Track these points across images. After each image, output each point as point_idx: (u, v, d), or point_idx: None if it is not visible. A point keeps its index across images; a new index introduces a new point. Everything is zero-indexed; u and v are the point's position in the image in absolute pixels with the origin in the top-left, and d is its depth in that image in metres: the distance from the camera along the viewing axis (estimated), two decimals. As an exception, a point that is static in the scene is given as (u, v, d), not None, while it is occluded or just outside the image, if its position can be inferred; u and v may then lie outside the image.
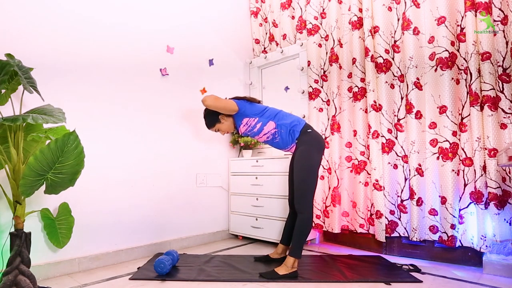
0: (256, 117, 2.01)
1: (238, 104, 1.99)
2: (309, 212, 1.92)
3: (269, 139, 2.05)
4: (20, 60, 1.65)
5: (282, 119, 2.02)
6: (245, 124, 2.04)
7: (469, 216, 2.00)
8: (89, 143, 1.88)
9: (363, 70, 2.49)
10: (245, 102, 2.04)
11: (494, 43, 1.91)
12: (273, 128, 2.00)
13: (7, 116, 1.50)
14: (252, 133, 2.07)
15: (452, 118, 2.08)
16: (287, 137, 2.00)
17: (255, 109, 2.03)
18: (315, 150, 1.96)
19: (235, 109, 1.99)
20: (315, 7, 2.81)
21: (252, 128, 2.04)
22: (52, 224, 1.80)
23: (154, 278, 1.84)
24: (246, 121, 2.03)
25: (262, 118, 2.01)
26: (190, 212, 2.69)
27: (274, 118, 2.02)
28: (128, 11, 2.36)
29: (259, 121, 2.01)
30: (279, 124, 2.00)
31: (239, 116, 2.03)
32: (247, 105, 2.03)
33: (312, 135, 1.99)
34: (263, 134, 2.04)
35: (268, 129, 2.01)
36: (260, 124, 2.01)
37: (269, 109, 2.06)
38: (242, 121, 2.04)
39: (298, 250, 1.88)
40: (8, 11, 1.81)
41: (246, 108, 2.01)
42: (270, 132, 2.02)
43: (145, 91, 2.43)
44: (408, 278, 1.83)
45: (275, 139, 2.03)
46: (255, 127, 2.03)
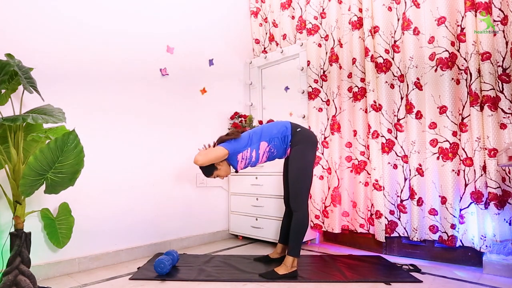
0: (247, 148, 1.98)
1: (226, 147, 1.96)
2: (305, 211, 1.92)
3: (269, 157, 2.04)
4: (20, 60, 1.66)
5: (269, 133, 1.99)
6: (242, 159, 2.01)
7: (470, 216, 2.00)
8: (89, 143, 1.88)
9: (363, 70, 2.49)
10: (232, 142, 1.99)
11: (494, 43, 1.91)
12: (266, 146, 1.98)
13: (7, 116, 1.50)
14: (252, 162, 2.04)
15: (452, 118, 2.08)
16: (282, 145, 1.99)
17: (242, 142, 1.99)
18: (308, 148, 1.96)
19: (226, 153, 1.95)
20: (315, 7, 2.81)
21: (249, 159, 2.01)
22: (52, 224, 1.80)
23: (154, 278, 1.84)
24: (241, 156, 1.99)
25: (253, 145, 1.98)
26: (190, 212, 2.69)
27: (262, 137, 1.99)
28: (128, 12, 2.36)
29: (252, 149, 1.98)
30: (269, 139, 1.98)
31: (232, 156, 1.99)
32: (234, 144, 1.98)
33: (302, 134, 1.98)
34: (261, 157, 2.02)
35: (263, 150, 1.99)
36: (255, 151, 1.99)
37: (253, 133, 2.02)
38: (237, 158, 2.00)
39: (296, 249, 1.89)
40: (9, 18, 1.82)
41: (235, 147, 1.98)
42: (266, 152, 2.00)
43: (145, 91, 2.43)
44: (408, 278, 1.83)
45: (272, 154, 2.02)
46: (252, 157, 2.00)
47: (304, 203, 1.93)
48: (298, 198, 1.92)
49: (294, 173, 1.94)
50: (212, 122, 2.92)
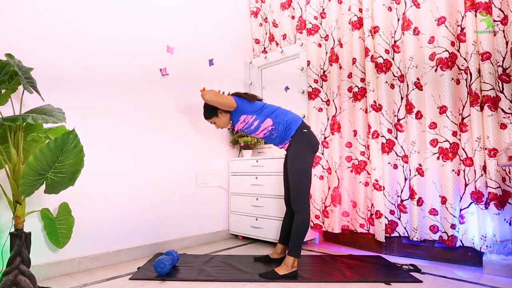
0: (254, 115, 2.02)
1: (236, 101, 2.01)
2: (306, 211, 1.93)
3: (266, 135, 2.07)
4: (20, 60, 1.66)
5: (279, 116, 2.02)
6: (243, 121, 2.05)
7: (470, 216, 2.00)
8: (89, 142, 1.88)
9: (363, 70, 2.49)
10: (244, 100, 2.05)
11: (494, 43, 1.91)
12: (270, 125, 2.01)
13: (7, 116, 1.50)
14: (249, 130, 2.08)
15: (452, 118, 2.08)
16: (283, 134, 2.01)
17: (253, 107, 2.04)
18: (308, 151, 1.98)
19: (233, 106, 2.01)
20: (315, 7, 2.81)
21: (249, 125, 2.05)
22: (52, 224, 1.80)
23: (154, 278, 1.84)
24: (243, 118, 2.04)
25: (260, 115, 2.02)
26: (190, 212, 2.69)
27: (271, 115, 2.02)
28: (128, 12, 2.36)
29: (257, 118, 2.02)
30: (276, 121, 2.01)
31: (237, 113, 2.04)
32: (246, 103, 2.04)
33: (307, 135, 2.00)
34: (260, 131, 2.05)
35: (266, 126, 2.02)
36: (258, 122, 2.02)
37: (268, 106, 2.06)
38: (239, 118, 2.05)
39: (297, 249, 1.89)
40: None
41: (244, 106, 2.03)
42: (267, 129, 2.03)
43: (145, 91, 2.43)
44: (408, 278, 1.83)
45: (272, 135, 2.05)
46: (252, 125, 2.04)
47: (305, 203, 1.93)
48: (299, 198, 1.92)
49: (294, 173, 1.94)
50: (212, 122, 2.92)
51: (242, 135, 2.96)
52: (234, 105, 2.01)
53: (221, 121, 2.14)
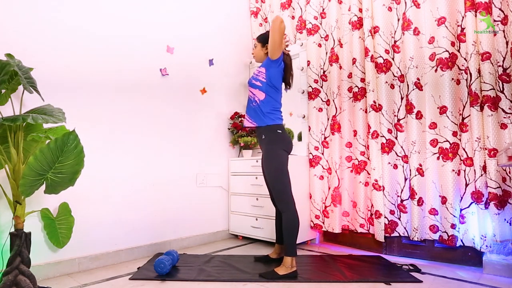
0: (265, 80, 2.00)
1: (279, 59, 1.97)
2: (292, 209, 1.92)
3: (250, 99, 2.08)
4: (20, 60, 1.66)
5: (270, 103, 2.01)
6: (259, 71, 2.05)
7: (470, 216, 2.00)
8: (89, 143, 1.88)
9: (363, 70, 2.49)
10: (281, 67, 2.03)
11: (494, 43, 1.91)
12: (258, 98, 2.02)
13: (7, 116, 1.50)
14: (250, 81, 2.09)
15: (452, 119, 2.08)
16: (256, 114, 2.02)
17: (274, 78, 2.00)
18: (281, 150, 1.97)
19: (273, 56, 1.95)
20: (315, 7, 2.81)
21: (255, 79, 2.05)
22: (52, 224, 1.80)
23: (154, 278, 1.84)
24: (262, 70, 2.03)
25: (265, 86, 2.00)
26: (190, 212, 2.69)
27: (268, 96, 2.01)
28: (128, 12, 2.36)
29: (262, 83, 2.01)
30: (264, 102, 2.00)
31: (266, 63, 2.02)
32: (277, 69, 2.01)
33: (280, 136, 1.99)
34: (252, 92, 2.06)
35: (257, 94, 2.03)
36: (259, 85, 2.02)
37: (278, 91, 2.06)
38: (262, 67, 2.05)
39: (292, 248, 1.88)
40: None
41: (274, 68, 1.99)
42: (255, 96, 2.04)
43: (145, 91, 2.43)
44: (408, 278, 1.83)
45: (251, 104, 2.06)
46: (256, 81, 2.04)
47: (289, 201, 1.93)
48: (283, 198, 1.92)
49: (272, 174, 1.96)
50: (212, 122, 2.92)
51: (242, 135, 2.96)
52: (274, 56, 1.95)
53: (260, 52, 2.14)
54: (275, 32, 1.86)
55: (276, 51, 1.92)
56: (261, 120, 2.01)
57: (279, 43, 1.90)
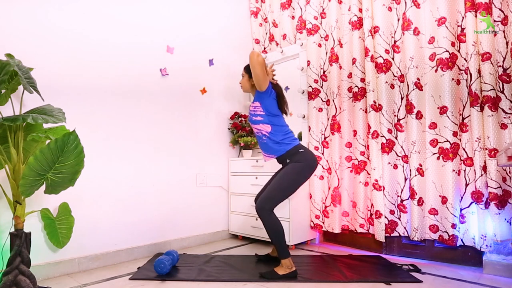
0: (264, 112, 2.00)
1: (267, 89, 1.96)
2: (270, 216, 1.87)
3: (258, 135, 2.08)
4: (20, 60, 1.65)
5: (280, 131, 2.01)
6: (254, 106, 2.05)
7: (471, 216, 2.00)
8: (89, 143, 1.88)
9: (363, 70, 2.49)
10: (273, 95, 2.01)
11: (494, 43, 1.91)
12: (266, 131, 2.01)
13: (7, 116, 1.50)
14: (250, 118, 2.08)
15: (452, 119, 2.08)
16: (272, 147, 2.01)
17: (270, 107, 2.00)
18: (307, 168, 1.96)
19: (261, 88, 1.95)
20: (315, 7, 2.81)
21: (254, 114, 2.04)
22: (52, 224, 1.80)
23: (154, 278, 1.84)
24: (256, 105, 2.03)
25: (266, 117, 2.00)
26: (190, 212, 2.69)
27: (274, 126, 2.00)
28: (128, 12, 2.36)
29: (262, 116, 2.01)
30: (273, 132, 2.00)
31: (257, 96, 2.02)
32: (270, 99, 2.00)
33: (304, 154, 1.98)
34: (256, 127, 2.06)
35: (262, 128, 2.03)
36: (260, 119, 2.02)
37: (279, 118, 2.04)
38: (255, 102, 2.05)
39: (282, 251, 1.87)
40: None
41: (267, 98, 1.99)
42: (261, 131, 2.04)
43: (146, 91, 2.43)
44: (408, 278, 1.83)
45: (261, 139, 2.06)
46: (256, 116, 2.03)
47: (270, 210, 1.89)
48: (267, 205, 1.88)
49: (285, 182, 1.93)
50: (212, 122, 2.92)
51: (242, 135, 2.96)
52: (262, 88, 1.95)
53: (246, 84, 2.13)
54: (254, 67, 1.89)
55: (262, 84, 1.94)
56: (278, 150, 2.00)
57: (263, 76, 1.92)
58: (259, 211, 1.89)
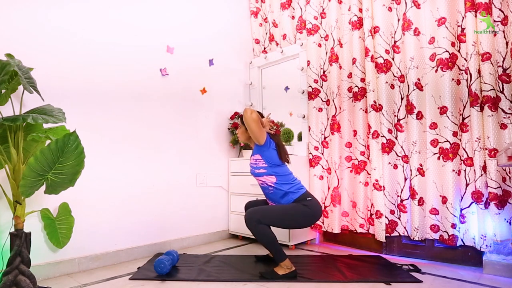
0: (266, 164, 1.97)
1: (266, 141, 1.95)
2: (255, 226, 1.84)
3: (263, 186, 2.05)
4: (20, 60, 1.65)
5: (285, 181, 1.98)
6: (255, 159, 2.02)
7: (471, 216, 2.01)
8: (89, 143, 1.88)
9: (363, 70, 2.49)
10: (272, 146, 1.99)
11: (494, 43, 1.91)
12: (272, 182, 1.98)
13: (7, 116, 1.50)
14: (252, 171, 2.05)
15: (452, 119, 2.08)
16: (279, 197, 1.98)
17: (272, 158, 1.98)
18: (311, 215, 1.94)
19: (260, 142, 1.95)
20: (315, 7, 2.81)
21: (256, 167, 2.02)
22: (52, 224, 1.80)
23: (154, 278, 1.84)
24: (257, 157, 2.01)
25: (270, 169, 1.97)
26: (190, 212, 2.69)
27: (279, 176, 1.98)
28: (128, 12, 2.36)
29: (265, 168, 1.98)
30: (279, 183, 1.97)
31: (257, 149, 2.01)
32: (271, 150, 1.97)
33: (311, 203, 1.96)
34: (260, 179, 2.03)
35: (267, 179, 1.99)
36: (264, 171, 1.99)
37: (283, 167, 2.01)
38: (255, 155, 2.02)
39: (278, 255, 1.86)
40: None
41: (267, 150, 1.97)
42: (266, 183, 2.01)
43: (146, 91, 2.43)
44: (408, 278, 1.83)
45: (268, 190, 2.03)
46: (258, 169, 2.00)
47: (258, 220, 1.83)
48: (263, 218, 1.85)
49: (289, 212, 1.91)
50: (212, 122, 2.92)
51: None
52: (261, 142, 1.94)
53: (241, 133, 2.12)
54: (249, 126, 1.91)
55: (259, 139, 1.94)
56: (286, 201, 1.97)
57: (259, 131, 1.92)
58: (247, 220, 1.85)
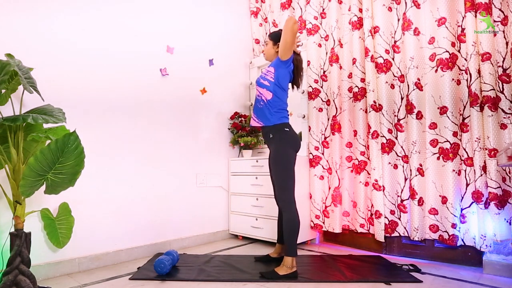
0: (273, 80, 2.00)
1: (288, 60, 1.97)
2: (293, 209, 1.92)
3: (257, 99, 2.10)
4: (20, 60, 1.65)
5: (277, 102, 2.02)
6: (267, 71, 2.05)
7: (471, 216, 2.01)
8: (89, 143, 1.88)
9: (363, 70, 2.49)
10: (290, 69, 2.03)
11: (494, 43, 1.91)
12: (265, 97, 2.03)
13: (7, 116, 1.50)
14: (258, 79, 2.10)
15: (452, 119, 2.08)
16: (263, 114, 2.02)
17: (282, 79, 2.00)
18: (290, 149, 1.98)
19: (284, 56, 1.94)
20: (315, 7, 2.81)
21: (263, 78, 2.05)
22: (52, 224, 1.80)
23: (154, 278, 1.84)
24: (270, 70, 2.03)
25: (273, 86, 2.00)
26: (190, 212, 2.69)
27: (275, 96, 2.01)
28: (128, 13, 2.36)
29: (270, 83, 2.01)
30: (271, 101, 2.01)
31: (276, 63, 2.02)
32: (286, 70, 2.01)
33: (288, 134, 2.00)
34: (259, 90, 2.07)
35: (265, 93, 2.04)
36: (267, 85, 2.02)
37: (285, 91, 2.05)
38: (270, 67, 2.04)
39: (292, 249, 1.88)
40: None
41: (283, 69, 1.99)
42: (262, 95, 2.05)
43: (145, 91, 2.43)
44: (408, 278, 1.83)
45: (258, 104, 2.07)
46: (265, 80, 2.04)
47: (291, 201, 1.93)
48: (284, 197, 1.93)
49: (278, 173, 1.96)
50: (212, 122, 2.92)
51: (242, 135, 2.96)
52: (284, 57, 1.94)
53: (270, 50, 2.12)
54: (287, 33, 1.86)
55: (287, 52, 1.92)
56: (267, 119, 2.01)
57: (291, 45, 1.90)
58: (285, 212, 1.92)
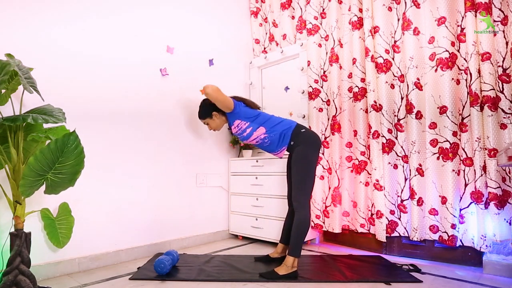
0: (247, 122, 2.06)
1: (234, 104, 2.06)
2: (307, 211, 1.93)
3: (258, 143, 2.10)
4: (20, 60, 1.65)
5: (273, 124, 2.05)
6: (236, 126, 2.10)
7: (470, 216, 2.00)
8: (89, 143, 1.88)
9: (363, 70, 2.49)
10: (241, 104, 2.11)
11: (494, 43, 1.91)
12: (263, 133, 2.04)
13: (7, 116, 1.50)
14: (242, 136, 2.12)
15: (452, 119, 2.08)
16: (278, 141, 2.03)
17: (248, 113, 2.08)
18: (311, 149, 1.99)
19: (231, 107, 2.06)
20: (315, 7, 2.81)
21: (242, 131, 2.09)
22: (52, 224, 1.80)
23: (154, 278, 1.84)
24: (237, 123, 2.09)
25: (253, 123, 2.05)
26: (190, 212, 2.69)
27: (265, 123, 2.05)
28: (128, 12, 2.36)
29: (250, 126, 2.06)
30: (269, 129, 2.04)
31: (233, 116, 2.09)
32: (242, 108, 2.09)
33: (305, 135, 2.02)
34: (252, 138, 2.10)
35: (258, 134, 2.05)
36: (250, 129, 2.06)
37: (261, 115, 2.10)
38: (234, 122, 2.10)
39: (297, 249, 1.89)
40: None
41: (240, 110, 2.07)
42: (259, 137, 2.06)
43: (145, 91, 2.43)
44: (408, 278, 1.83)
45: (264, 143, 2.08)
46: (245, 131, 2.08)
47: (306, 203, 1.94)
48: (301, 199, 1.93)
49: (298, 173, 1.95)
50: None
51: (242, 135, 2.96)
52: (231, 106, 2.05)
53: (214, 123, 2.21)
54: (217, 98, 2.04)
55: (229, 104, 2.06)
56: (284, 140, 2.02)
57: (226, 98, 2.05)
58: (298, 212, 1.92)
